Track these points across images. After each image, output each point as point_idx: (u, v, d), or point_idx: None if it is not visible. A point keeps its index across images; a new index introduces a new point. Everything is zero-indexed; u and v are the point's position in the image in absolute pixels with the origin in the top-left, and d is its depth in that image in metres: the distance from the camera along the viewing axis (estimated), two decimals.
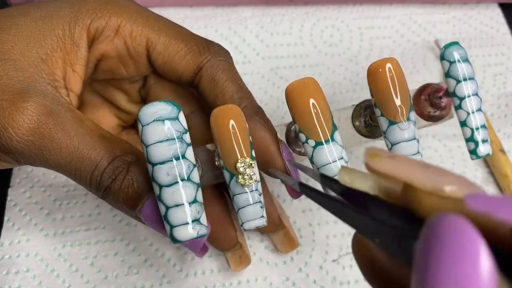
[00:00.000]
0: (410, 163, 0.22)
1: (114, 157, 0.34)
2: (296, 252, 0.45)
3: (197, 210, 0.30)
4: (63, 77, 0.36)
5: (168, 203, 0.30)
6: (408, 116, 0.33)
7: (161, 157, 0.30)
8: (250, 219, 0.32)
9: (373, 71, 0.34)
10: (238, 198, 0.32)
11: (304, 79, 0.33)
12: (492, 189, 0.49)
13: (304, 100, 0.33)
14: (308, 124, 0.33)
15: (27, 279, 0.42)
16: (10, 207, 0.45)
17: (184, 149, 0.30)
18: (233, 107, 0.32)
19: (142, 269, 0.43)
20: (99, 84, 0.43)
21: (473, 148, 0.35)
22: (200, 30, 0.57)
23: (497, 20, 0.62)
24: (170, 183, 0.30)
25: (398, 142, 0.34)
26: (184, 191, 0.30)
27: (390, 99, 0.33)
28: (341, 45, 0.58)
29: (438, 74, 0.57)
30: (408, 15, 0.61)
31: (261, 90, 0.54)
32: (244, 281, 0.43)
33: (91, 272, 0.43)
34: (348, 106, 0.41)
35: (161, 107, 0.30)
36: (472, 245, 0.17)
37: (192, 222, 0.30)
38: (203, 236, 0.30)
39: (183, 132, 0.30)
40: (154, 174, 0.30)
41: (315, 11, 0.60)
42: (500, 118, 0.54)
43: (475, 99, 0.35)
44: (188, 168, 0.30)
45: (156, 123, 0.30)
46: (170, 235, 0.30)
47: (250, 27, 0.58)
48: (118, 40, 0.37)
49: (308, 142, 0.33)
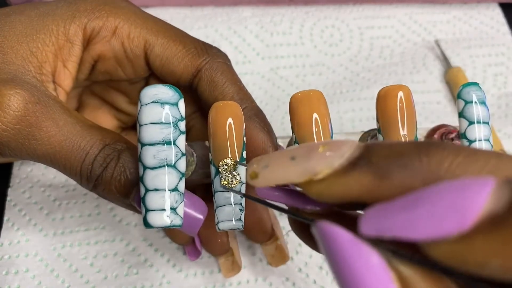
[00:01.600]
0: (280, 163, 0.23)
1: (105, 145, 0.33)
2: (296, 252, 0.45)
3: (175, 199, 0.30)
4: (52, 72, 0.35)
5: (148, 185, 0.29)
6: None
7: (152, 138, 0.29)
8: (226, 220, 0.32)
9: (383, 96, 0.33)
10: (218, 196, 0.32)
11: (311, 91, 0.33)
12: None
13: (307, 113, 0.32)
14: (306, 138, 0.32)
15: (26, 279, 0.42)
16: (9, 207, 0.45)
17: (177, 136, 0.30)
18: (234, 104, 0.32)
19: (142, 269, 0.43)
20: (99, 86, 0.43)
21: None
22: (200, 30, 0.57)
23: (497, 20, 0.62)
24: (154, 166, 0.29)
25: None
26: (167, 177, 0.29)
27: (395, 127, 0.32)
28: (341, 45, 0.58)
29: (438, 74, 0.57)
30: (408, 14, 0.61)
31: (261, 90, 0.54)
32: (244, 281, 0.43)
33: (91, 272, 0.43)
34: (357, 131, 0.41)
35: (163, 90, 0.30)
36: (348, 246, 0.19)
37: (169, 209, 0.29)
38: (175, 226, 0.30)
39: (179, 119, 0.30)
40: (141, 154, 0.30)
41: (315, 11, 0.60)
42: (500, 118, 0.54)
43: (486, 144, 0.33)
44: (176, 155, 0.30)
45: (155, 104, 0.30)
46: (144, 219, 0.29)
47: (250, 27, 0.58)
48: (115, 41, 0.37)
49: None
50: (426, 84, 0.56)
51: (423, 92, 0.55)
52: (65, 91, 0.37)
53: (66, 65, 0.36)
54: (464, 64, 0.57)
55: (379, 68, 0.57)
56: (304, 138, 0.32)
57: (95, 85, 0.43)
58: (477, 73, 0.57)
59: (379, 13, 0.61)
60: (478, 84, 0.34)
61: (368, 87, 0.55)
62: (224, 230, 0.32)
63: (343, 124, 0.52)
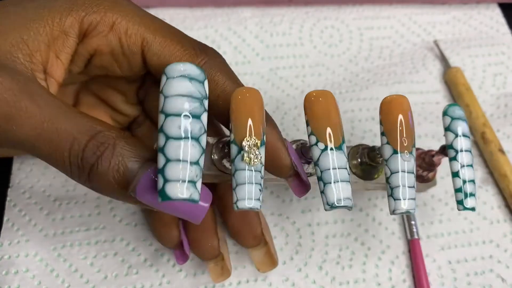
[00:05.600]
0: None
1: (97, 132, 0.31)
2: (295, 252, 0.45)
3: (196, 173, 0.29)
4: (44, 62, 0.35)
5: (171, 156, 0.29)
6: (411, 150, 0.35)
7: (179, 109, 0.29)
8: (246, 198, 0.31)
9: (388, 104, 0.36)
10: (239, 174, 0.31)
11: (325, 91, 0.34)
12: (492, 189, 0.49)
13: (322, 108, 0.34)
14: (322, 128, 0.33)
15: (26, 279, 0.42)
16: (9, 208, 0.45)
17: (202, 111, 0.30)
18: (257, 91, 0.33)
19: (141, 269, 0.43)
20: (96, 84, 0.42)
21: (461, 199, 0.37)
22: (200, 30, 0.57)
23: (497, 20, 0.62)
24: (179, 137, 0.29)
25: (397, 172, 0.35)
26: (190, 149, 0.29)
27: (398, 130, 0.35)
28: (340, 46, 0.59)
29: (437, 74, 0.57)
30: (407, 15, 0.61)
31: (260, 91, 0.53)
32: (243, 281, 0.43)
33: (91, 272, 0.43)
34: (348, 146, 0.42)
35: (191, 67, 0.30)
36: None
37: (188, 182, 0.29)
38: (193, 201, 0.29)
39: (204, 96, 0.30)
40: (165, 124, 0.29)
41: (315, 11, 0.60)
42: (499, 118, 0.54)
43: (468, 155, 0.38)
44: (200, 130, 0.30)
45: (183, 78, 0.30)
46: (161, 191, 0.28)
47: (249, 28, 0.58)
48: (113, 36, 0.37)
49: (318, 145, 0.33)
50: (425, 84, 0.56)
51: (422, 93, 0.55)
52: (57, 82, 0.36)
53: (59, 56, 0.36)
54: (464, 64, 0.57)
55: (378, 68, 0.57)
56: (321, 129, 0.33)
57: (92, 83, 0.42)
58: (476, 73, 0.57)
59: (378, 13, 0.61)
60: (459, 105, 0.39)
61: (367, 88, 0.55)
62: (242, 210, 0.31)
63: (343, 124, 0.52)
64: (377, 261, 0.45)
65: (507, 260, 0.45)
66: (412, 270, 0.45)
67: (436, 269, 0.45)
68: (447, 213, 0.48)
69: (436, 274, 0.44)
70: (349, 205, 0.32)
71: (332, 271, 0.44)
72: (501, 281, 0.44)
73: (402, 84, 0.55)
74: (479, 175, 0.50)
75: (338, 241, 0.46)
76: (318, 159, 0.33)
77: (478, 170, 0.50)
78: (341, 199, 0.32)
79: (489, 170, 0.50)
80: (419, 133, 0.52)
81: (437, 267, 0.45)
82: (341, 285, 0.44)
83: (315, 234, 0.46)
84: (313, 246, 0.45)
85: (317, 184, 0.33)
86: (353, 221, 0.47)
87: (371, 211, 0.47)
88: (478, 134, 0.51)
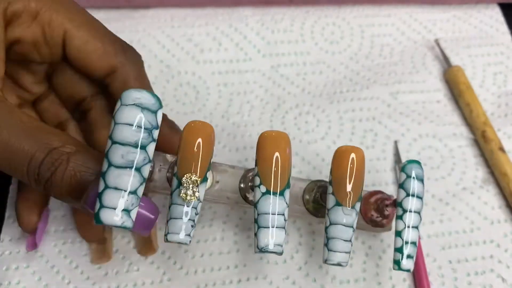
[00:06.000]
0: None
1: (52, 148, 0.33)
2: (296, 251, 0.45)
3: (132, 202, 0.30)
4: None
5: (110, 183, 0.30)
6: (354, 205, 0.36)
7: (124, 138, 0.30)
8: (177, 233, 0.33)
9: (340, 154, 0.37)
10: (174, 208, 0.33)
11: (280, 132, 0.35)
12: (493, 189, 0.49)
13: (271, 150, 0.35)
14: (268, 172, 0.34)
15: (27, 275, 0.42)
16: (11, 204, 0.45)
17: (148, 142, 0.31)
18: (208, 125, 0.34)
19: (142, 266, 0.43)
20: (7, 65, 0.41)
21: (398, 259, 0.37)
22: (201, 28, 0.57)
23: (496, 18, 0.62)
24: (120, 165, 0.30)
25: (336, 223, 0.36)
26: (130, 179, 0.30)
27: (344, 183, 0.36)
28: (342, 42, 0.59)
29: (437, 73, 0.57)
30: (408, 13, 0.61)
31: (261, 88, 0.54)
32: (244, 279, 0.43)
33: (92, 269, 0.43)
34: (306, 179, 0.43)
35: (146, 96, 0.31)
36: None
37: (123, 210, 0.30)
38: (126, 227, 0.30)
39: (154, 127, 0.31)
40: (110, 151, 0.30)
41: (316, 10, 0.60)
42: (500, 117, 0.54)
43: (416, 216, 0.38)
44: (144, 160, 0.31)
45: (135, 107, 0.31)
46: (96, 214, 0.30)
47: (251, 25, 0.58)
48: (36, 27, 0.37)
49: (260, 187, 0.34)
50: (426, 83, 0.56)
51: (423, 91, 0.55)
52: (1, 78, 0.36)
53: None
54: (464, 63, 0.57)
55: (379, 67, 0.57)
56: (266, 172, 0.35)
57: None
58: (476, 72, 0.57)
59: (379, 12, 0.61)
60: (420, 163, 0.39)
61: (368, 87, 0.55)
62: (170, 242, 0.33)
63: (343, 124, 0.52)
64: (377, 260, 0.45)
65: (508, 260, 0.45)
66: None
67: (436, 269, 0.45)
68: (448, 213, 0.48)
69: (437, 273, 0.45)
70: (278, 251, 0.34)
71: (333, 270, 0.44)
72: (501, 281, 0.44)
73: (403, 84, 0.55)
74: (480, 175, 0.50)
75: None
76: (257, 201, 0.34)
77: (479, 170, 0.50)
78: (272, 245, 0.34)
79: (490, 170, 0.50)
80: (420, 133, 0.52)
81: (438, 267, 0.45)
82: (341, 284, 0.44)
83: (315, 233, 0.46)
84: (313, 245, 0.45)
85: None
86: None
87: None
88: (479, 132, 0.51)
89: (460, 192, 0.49)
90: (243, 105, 0.53)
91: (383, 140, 0.51)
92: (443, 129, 0.53)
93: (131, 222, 0.30)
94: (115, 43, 0.39)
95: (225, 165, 0.41)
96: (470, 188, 0.49)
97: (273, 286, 0.43)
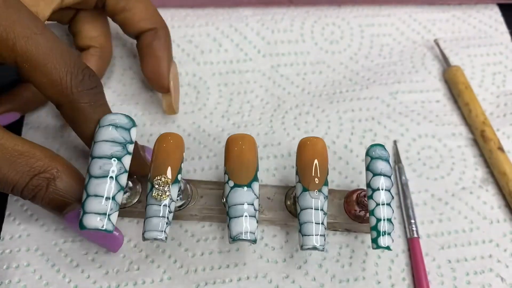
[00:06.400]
0: None
1: (33, 176, 0.36)
2: (296, 250, 0.45)
3: (111, 207, 0.35)
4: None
5: (90, 191, 0.35)
6: (320, 188, 0.38)
7: (101, 152, 0.35)
8: (153, 230, 0.36)
9: (302, 145, 0.40)
10: (148, 208, 0.36)
11: (245, 135, 0.39)
12: (492, 189, 0.49)
13: (238, 151, 0.38)
14: (235, 169, 0.38)
15: (27, 273, 0.42)
16: (11, 202, 0.45)
17: (123, 154, 0.36)
18: (179, 136, 0.38)
19: (143, 265, 0.44)
20: None
21: (375, 237, 0.38)
22: (201, 28, 0.57)
23: (495, 18, 0.62)
24: (98, 175, 0.35)
25: (306, 208, 0.38)
26: (107, 186, 0.35)
27: (309, 169, 0.39)
28: (342, 42, 0.59)
29: (437, 73, 0.57)
30: (408, 13, 0.62)
31: (262, 88, 0.54)
32: (244, 277, 0.43)
33: (92, 267, 0.43)
34: (288, 186, 0.46)
35: (120, 117, 0.37)
36: None
37: (102, 214, 0.34)
38: (107, 231, 0.34)
39: (129, 142, 0.36)
40: (90, 165, 0.35)
41: (316, 10, 0.60)
42: (499, 117, 0.54)
43: (386, 193, 0.39)
44: (120, 170, 0.35)
45: (111, 127, 0.36)
46: (80, 221, 0.34)
47: (251, 25, 0.58)
48: None
49: (228, 183, 0.38)
50: (425, 83, 0.56)
51: (422, 91, 0.56)
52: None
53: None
54: (463, 63, 0.58)
55: (378, 67, 0.57)
56: (233, 169, 0.38)
57: None
58: (475, 72, 0.57)
59: (379, 12, 0.61)
60: (384, 146, 0.41)
61: (368, 87, 0.55)
62: (148, 240, 0.36)
63: (343, 124, 0.52)
64: (376, 259, 0.45)
65: (507, 259, 0.46)
66: (411, 269, 0.45)
67: (435, 268, 0.45)
68: (447, 212, 0.48)
69: (436, 273, 0.45)
70: (252, 238, 0.36)
71: (332, 269, 0.44)
72: (500, 281, 0.44)
73: (402, 84, 0.56)
74: (479, 175, 0.50)
75: (338, 239, 0.46)
76: (227, 195, 0.37)
77: (478, 170, 0.50)
78: (243, 233, 0.36)
79: (489, 170, 0.50)
80: (419, 132, 0.52)
81: (437, 266, 0.45)
82: (341, 282, 0.44)
83: None
84: None
85: None
86: None
87: None
88: (478, 132, 0.51)
89: (460, 191, 0.49)
90: (243, 105, 0.53)
91: (383, 140, 0.52)
92: (442, 129, 0.53)
93: (112, 225, 0.34)
94: (66, 77, 0.37)
95: (210, 183, 0.46)
96: (469, 187, 0.49)
97: (272, 284, 0.43)
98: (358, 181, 0.49)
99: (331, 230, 0.46)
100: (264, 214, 0.44)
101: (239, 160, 0.38)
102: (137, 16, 0.48)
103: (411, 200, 0.47)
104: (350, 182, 0.49)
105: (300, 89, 0.55)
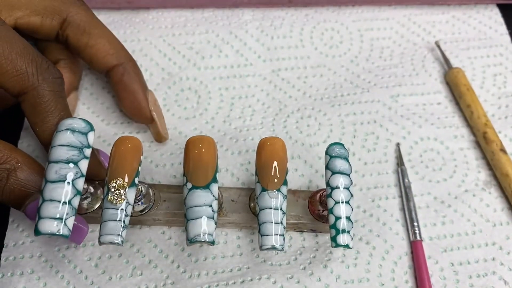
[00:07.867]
0: None
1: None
2: (300, 253, 0.45)
3: (67, 211, 0.34)
4: None
5: (45, 196, 0.34)
6: (279, 188, 0.38)
7: (57, 157, 0.35)
8: (108, 234, 0.35)
9: (261, 145, 0.40)
10: (104, 212, 0.36)
11: (205, 138, 0.39)
12: (495, 191, 0.49)
13: (198, 154, 0.38)
14: (193, 171, 0.38)
15: (32, 280, 0.43)
16: (15, 209, 0.45)
17: (80, 158, 0.36)
18: (136, 139, 0.38)
19: (146, 270, 0.44)
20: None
21: (334, 235, 0.39)
22: (201, 35, 0.58)
23: (495, 19, 0.62)
24: (54, 180, 0.35)
25: (265, 208, 0.38)
26: (63, 191, 0.34)
27: (268, 169, 0.39)
28: (341, 47, 0.59)
29: (438, 75, 0.57)
30: (407, 16, 0.62)
31: (263, 92, 0.54)
32: (247, 279, 0.43)
33: (96, 273, 0.43)
34: (249, 188, 0.46)
35: (78, 121, 0.37)
36: None
37: (58, 219, 0.34)
38: (63, 236, 0.34)
39: (86, 146, 0.36)
40: (46, 170, 0.35)
41: (315, 13, 0.61)
42: (500, 119, 0.54)
43: (345, 191, 0.39)
44: (76, 174, 0.35)
45: (67, 131, 0.36)
46: (35, 227, 0.34)
47: (250, 31, 0.59)
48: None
49: (186, 185, 0.37)
50: (426, 85, 0.56)
51: (423, 94, 0.56)
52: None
53: None
54: (463, 65, 0.58)
55: (379, 69, 0.57)
56: (191, 170, 0.38)
57: None
58: (476, 73, 0.57)
59: (377, 15, 0.62)
60: (343, 144, 0.41)
61: (369, 90, 0.55)
62: (104, 244, 0.36)
63: (345, 127, 0.52)
64: (380, 261, 0.45)
65: (510, 262, 0.45)
66: (414, 272, 0.45)
67: (438, 271, 0.45)
68: (450, 215, 0.48)
69: (439, 276, 0.45)
70: (209, 240, 0.36)
71: (337, 270, 0.44)
72: (503, 284, 0.44)
73: (403, 86, 0.56)
74: (482, 177, 0.50)
75: None
76: (185, 198, 0.37)
77: (480, 172, 0.50)
78: (200, 235, 0.36)
79: (492, 172, 0.50)
80: (421, 135, 0.52)
81: (440, 269, 0.45)
82: (346, 283, 0.44)
83: (318, 236, 0.46)
84: (316, 247, 0.45)
85: None
86: (357, 222, 0.47)
87: (375, 212, 0.48)
88: (480, 134, 0.51)
89: (462, 194, 0.49)
90: (245, 109, 0.53)
91: (385, 143, 0.52)
92: (444, 131, 0.53)
93: (68, 230, 0.34)
94: (31, 66, 0.38)
95: (173, 187, 0.45)
96: (472, 190, 0.49)
97: (277, 285, 0.43)
98: (360, 184, 0.49)
99: (297, 231, 0.46)
100: (227, 216, 0.44)
101: (197, 162, 0.38)
102: (101, 52, 0.48)
103: (414, 202, 0.47)
104: (353, 185, 0.49)
105: (302, 92, 0.55)
